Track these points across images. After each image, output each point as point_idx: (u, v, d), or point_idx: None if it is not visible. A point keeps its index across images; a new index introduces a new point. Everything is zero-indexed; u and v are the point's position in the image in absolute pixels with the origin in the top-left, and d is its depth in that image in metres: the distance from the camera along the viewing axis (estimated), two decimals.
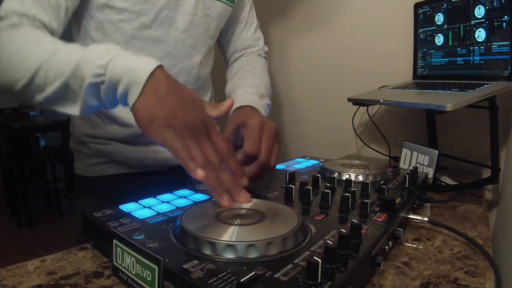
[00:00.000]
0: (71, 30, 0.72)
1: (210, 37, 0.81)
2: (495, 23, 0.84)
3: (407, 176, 0.62)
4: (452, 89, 0.84)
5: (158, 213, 0.50)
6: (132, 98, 0.48)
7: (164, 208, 0.52)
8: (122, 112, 0.74)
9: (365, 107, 1.12)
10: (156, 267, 0.35)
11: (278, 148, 0.63)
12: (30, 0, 0.58)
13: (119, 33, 0.69)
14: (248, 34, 0.92)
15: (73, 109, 0.53)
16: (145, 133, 0.49)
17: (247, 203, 0.50)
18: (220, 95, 0.98)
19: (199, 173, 0.47)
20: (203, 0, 0.75)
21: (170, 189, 0.60)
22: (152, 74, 0.48)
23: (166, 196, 0.57)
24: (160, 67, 0.50)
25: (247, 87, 0.78)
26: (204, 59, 0.81)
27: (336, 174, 0.67)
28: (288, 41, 1.39)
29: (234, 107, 0.74)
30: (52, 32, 0.60)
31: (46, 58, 0.52)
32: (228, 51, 0.93)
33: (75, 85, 0.50)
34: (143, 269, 0.37)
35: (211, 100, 0.92)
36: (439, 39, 0.98)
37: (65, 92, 0.52)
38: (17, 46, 0.54)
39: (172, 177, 0.81)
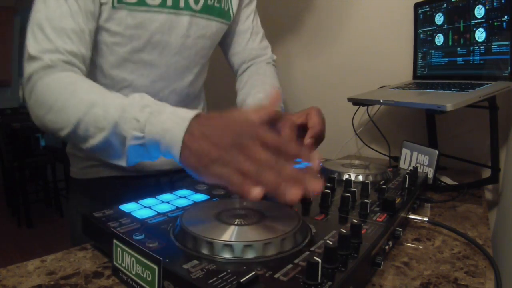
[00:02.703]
0: None
1: (202, 56, 0.81)
2: (495, 23, 0.84)
3: (407, 176, 0.62)
4: (452, 89, 0.84)
5: (158, 213, 0.50)
6: (175, 156, 0.47)
7: (164, 208, 0.52)
8: None
9: (365, 107, 1.12)
10: (156, 267, 0.35)
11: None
12: (56, 35, 0.59)
13: (112, 55, 0.70)
14: (254, 44, 0.91)
15: (119, 161, 0.53)
16: (201, 179, 0.47)
17: (319, 191, 0.43)
18: (215, 101, 0.99)
19: (254, 193, 0.41)
20: (197, 21, 0.74)
21: (161, 192, 0.60)
22: (187, 131, 0.46)
23: (166, 196, 0.57)
24: (195, 117, 0.48)
25: (257, 94, 0.78)
26: (195, 78, 0.81)
27: (336, 174, 0.67)
28: (287, 41, 1.39)
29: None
30: (83, 58, 0.62)
31: (84, 112, 0.53)
32: (236, 63, 0.92)
33: (117, 142, 0.51)
34: (143, 269, 0.37)
35: (204, 107, 0.92)
36: (439, 39, 0.98)
37: (107, 147, 0.53)
38: (54, 98, 0.55)
39: (162, 180, 0.81)
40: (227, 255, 0.37)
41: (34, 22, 0.59)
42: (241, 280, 0.31)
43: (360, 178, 0.66)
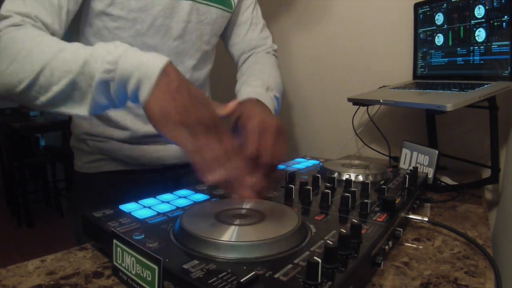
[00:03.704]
0: (72, 36, 0.73)
1: (204, 42, 0.81)
2: (495, 23, 0.84)
3: (407, 176, 0.62)
4: (452, 89, 0.84)
5: (158, 213, 0.50)
6: (144, 93, 0.47)
7: (164, 208, 0.52)
8: (119, 116, 0.75)
9: (365, 107, 1.12)
10: (156, 267, 0.35)
11: (282, 144, 0.61)
12: (33, 0, 0.57)
13: (116, 40, 0.69)
14: (254, 34, 0.91)
15: (80, 109, 0.51)
16: (157, 129, 0.48)
17: (250, 201, 0.50)
18: (219, 97, 0.98)
19: (210, 178, 0.48)
20: (198, 6, 0.75)
21: (165, 186, 0.60)
22: (163, 69, 0.47)
23: (166, 196, 0.57)
24: (170, 62, 0.49)
25: (252, 81, 0.77)
26: (197, 64, 0.81)
27: (336, 174, 0.67)
28: (287, 41, 1.39)
29: (238, 100, 0.73)
30: (53, 34, 0.59)
31: (51, 57, 0.50)
32: (236, 54, 0.93)
33: (84, 83, 0.49)
34: (143, 269, 0.37)
35: None
36: (439, 39, 0.98)
37: (71, 91, 0.50)
38: (20, 46, 0.52)
39: (167, 175, 0.81)
40: (227, 255, 0.37)
41: None
42: (241, 280, 0.31)
43: (360, 178, 0.66)
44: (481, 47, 0.88)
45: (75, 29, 0.71)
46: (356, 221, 0.42)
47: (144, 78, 0.47)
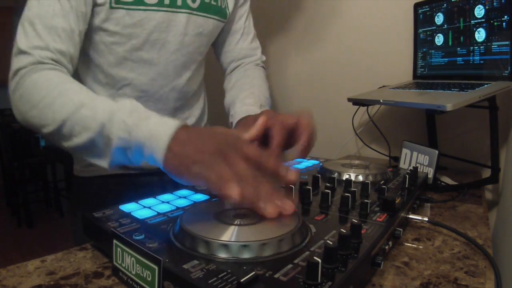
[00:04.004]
0: None
1: (200, 53, 0.81)
2: (495, 23, 0.84)
3: (407, 176, 0.62)
4: (452, 89, 0.84)
5: (158, 213, 0.50)
6: (158, 160, 0.48)
7: (164, 208, 0.52)
8: None
9: (365, 107, 1.12)
10: (156, 267, 0.35)
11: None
12: (47, 32, 0.59)
13: (112, 54, 0.71)
14: (244, 44, 0.91)
15: (101, 162, 0.54)
16: (181, 182, 0.49)
17: (289, 212, 0.44)
18: (215, 98, 0.99)
19: (234, 190, 0.42)
20: (195, 18, 0.75)
21: (164, 189, 0.60)
22: (172, 136, 0.48)
23: (166, 196, 0.57)
24: (182, 126, 0.50)
25: (246, 99, 0.78)
26: (193, 75, 0.81)
27: (336, 174, 0.67)
28: (287, 41, 1.39)
29: (234, 121, 0.75)
30: (71, 58, 0.63)
31: (71, 112, 0.53)
32: (225, 61, 0.93)
33: (101, 143, 0.52)
34: (143, 269, 0.37)
35: (204, 105, 0.92)
36: (439, 39, 0.98)
37: (91, 147, 0.54)
38: (42, 94, 0.56)
39: (166, 178, 0.81)
40: (227, 255, 0.37)
41: (26, 18, 0.60)
42: (241, 280, 0.31)
43: (360, 178, 0.66)
44: (481, 47, 0.88)
45: None
46: (356, 221, 0.42)
47: (155, 148, 0.48)
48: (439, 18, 0.97)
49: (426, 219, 0.56)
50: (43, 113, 0.55)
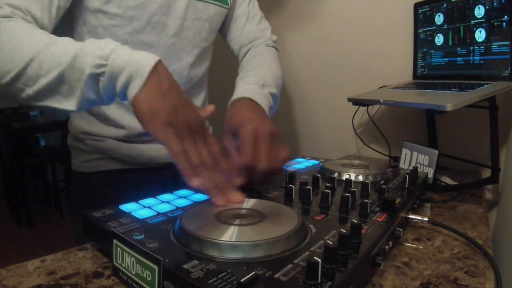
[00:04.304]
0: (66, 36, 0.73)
1: (202, 39, 0.81)
2: (495, 23, 0.84)
3: (407, 176, 0.62)
4: (452, 89, 0.84)
5: (158, 213, 0.50)
6: (133, 90, 0.47)
7: (164, 208, 0.52)
8: (117, 114, 0.75)
9: (365, 107, 1.12)
10: (156, 267, 0.35)
11: (278, 150, 0.61)
12: None
13: (112, 38, 0.69)
14: (251, 27, 0.91)
15: (67, 104, 0.51)
16: (145, 128, 0.48)
17: (240, 202, 0.50)
18: (216, 95, 0.99)
19: (195, 182, 0.49)
20: (194, 3, 0.75)
21: (163, 185, 0.61)
22: (155, 67, 0.48)
23: (166, 196, 0.57)
24: (162, 62, 0.50)
25: (248, 78, 0.76)
26: (196, 60, 0.81)
27: (336, 174, 0.67)
28: (287, 41, 1.39)
29: (232, 98, 0.72)
30: (42, 28, 0.58)
31: (41, 48, 0.49)
32: (235, 48, 0.93)
33: (72, 77, 0.49)
34: (143, 269, 0.37)
35: (205, 100, 0.92)
36: (439, 39, 0.98)
37: (59, 85, 0.50)
38: (9, 37, 0.51)
39: (165, 173, 0.81)
40: (227, 255, 0.37)
41: None
42: (241, 280, 0.31)
43: (360, 178, 0.66)
44: (481, 47, 0.88)
45: (69, 28, 0.71)
46: (356, 221, 0.42)
47: (135, 74, 0.47)
48: (439, 18, 0.97)
49: (426, 219, 0.56)
50: (9, 55, 0.50)
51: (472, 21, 0.89)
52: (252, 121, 0.61)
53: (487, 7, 0.85)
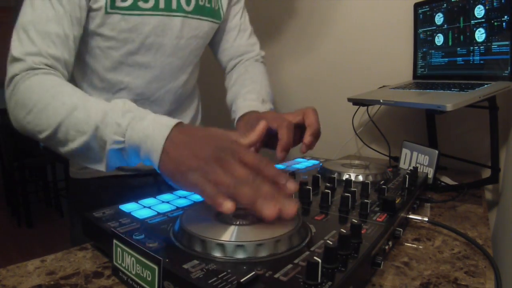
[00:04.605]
0: None
1: (195, 56, 0.81)
2: (495, 23, 0.84)
3: (407, 176, 0.62)
4: (452, 89, 0.84)
5: (158, 213, 0.50)
6: (155, 162, 0.48)
7: (164, 208, 0.52)
8: None
9: (365, 107, 1.12)
10: (156, 267, 0.35)
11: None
12: (40, 38, 0.59)
13: (107, 58, 0.71)
14: (242, 41, 0.91)
15: (98, 166, 0.54)
16: (176, 186, 0.48)
17: (292, 214, 0.41)
18: (209, 99, 0.99)
19: (227, 206, 0.41)
20: (189, 22, 0.75)
21: (159, 190, 0.60)
22: (168, 137, 0.47)
23: (166, 196, 0.57)
24: (177, 125, 0.49)
25: (247, 94, 0.78)
26: (188, 77, 0.82)
27: (336, 174, 0.67)
28: (287, 41, 1.39)
29: (236, 116, 0.75)
30: (66, 63, 0.62)
31: (65, 115, 0.53)
32: (224, 60, 0.93)
33: (97, 146, 0.52)
34: (143, 269, 0.37)
35: (198, 106, 0.92)
36: (439, 39, 0.98)
37: (87, 151, 0.53)
38: (35, 98, 0.55)
39: (161, 179, 0.81)
40: (227, 255, 0.37)
41: (20, 25, 0.60)
42: (241, 280, 0.31)
43: (360, 178, 0.66)
44: (481, 47, 0.88)
45: None
46: (356, 221, 0.42)
47: (150, 152, 0.48)
48: (439, 18, 0.97)
49: (426, 219, 0.56)
50: (38, 118, 0.55)
51: (472, 21, 0.89)
52: (276, 114, 0.66)
53: (487, 7, 0.85)
